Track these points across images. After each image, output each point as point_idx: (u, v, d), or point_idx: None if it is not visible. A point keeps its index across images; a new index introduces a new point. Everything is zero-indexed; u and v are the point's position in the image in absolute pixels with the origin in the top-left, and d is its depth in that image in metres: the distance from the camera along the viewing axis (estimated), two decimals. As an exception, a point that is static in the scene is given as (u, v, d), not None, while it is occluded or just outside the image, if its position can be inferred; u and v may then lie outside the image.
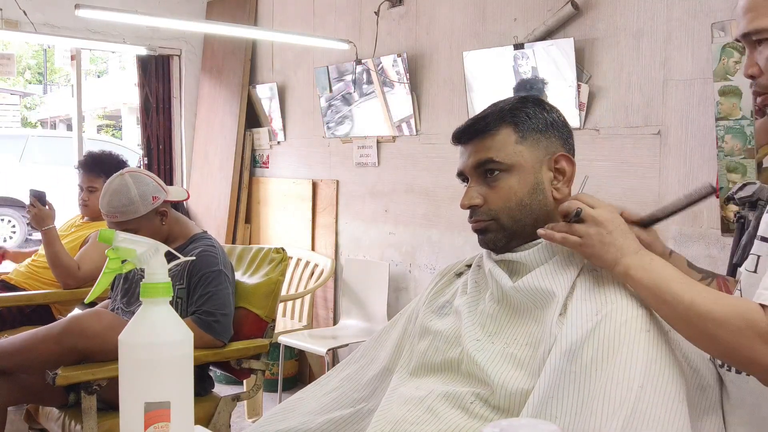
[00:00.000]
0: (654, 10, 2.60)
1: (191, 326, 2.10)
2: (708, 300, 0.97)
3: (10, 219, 9.63)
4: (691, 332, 0.99)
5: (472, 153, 1.19)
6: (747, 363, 0.95)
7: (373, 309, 3.68)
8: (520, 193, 1.15)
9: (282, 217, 4.43)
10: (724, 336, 0.94)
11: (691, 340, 1.01)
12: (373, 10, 3.67)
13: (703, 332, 0.96)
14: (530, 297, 1.11)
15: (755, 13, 1.02)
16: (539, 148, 1.16)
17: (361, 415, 1.28)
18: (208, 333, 2.16)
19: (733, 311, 0.94)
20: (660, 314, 1.03)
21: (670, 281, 1.01)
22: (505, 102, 1.20)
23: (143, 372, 0.91)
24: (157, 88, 4.68)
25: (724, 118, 2.36)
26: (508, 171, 1.15)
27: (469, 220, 1.20)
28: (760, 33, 1.03)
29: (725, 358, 1.01)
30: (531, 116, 1.17)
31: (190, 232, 2.38)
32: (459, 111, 3.34)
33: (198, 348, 2.00)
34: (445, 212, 3.44)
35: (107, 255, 1.00)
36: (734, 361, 0.98)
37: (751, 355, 0.92)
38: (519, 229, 1.15)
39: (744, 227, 1.97)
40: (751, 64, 1.06)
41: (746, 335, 0.92)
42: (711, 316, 0.95)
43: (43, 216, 2.78)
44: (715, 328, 0.95)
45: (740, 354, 0.94)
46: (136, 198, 2.19)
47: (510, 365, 1.07)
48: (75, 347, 1.99)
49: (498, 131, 1.16)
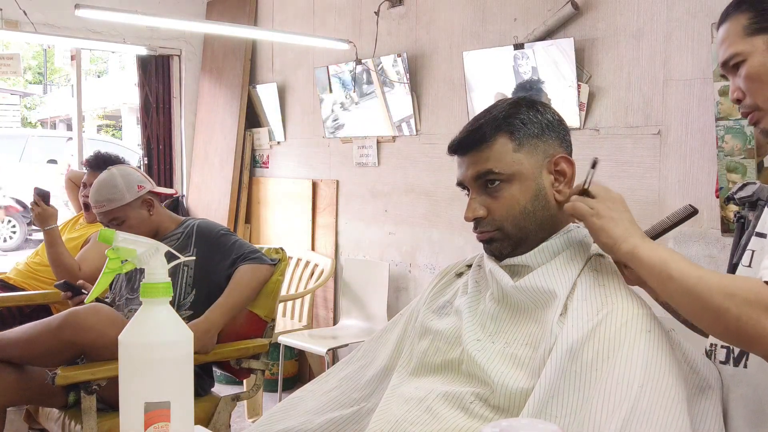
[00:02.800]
0: (654, 10, 2.60)
1: (249, 269, 2.26)
2: (716, 275, 0.99)
3: (10, 219, 9.62)
4: (697, 306, 0.99)
5: (470, 165, 1.17)
6: (752, 338, 0.95)
7: (373, 309, 3.68)
8: (522, 200, 1.14)
9: (282, 217, 4.43)
10: (733, 309, 0.94)
11: (696, 316, 1.01)
12: (373, 10, 3.67)
13: (710, 305, 0.97)
14: (531, 297, 1.11)
15: (728, 42, 1.14)
16: (537, 153, 1.15)
17: (361, 415, 1.28)
18: (263, 264, 2.31)
19: (741, 285, 0.96)
20: (666, 292, 1.03)
21: (678, 259, 1.03)
22: (498, 109, 1.18)
23: (143, 372, 0.91)
24: (157, 88, 4.68)
25: (724, 118, 2.36)
26: (508, 181, 1.14)
27: (474, 231, 1.19)
28: (734, 57, 1.13)
29: (729, 333, 0.99)
30: (526, 122, 1.15)
31: (180, 219, 2.46)
32: (459, 111, 3.34)
33: (262, 282, 2.31)
34: (445, 212, 3.44)
35: (107, 255, 1.00)
36: (739, 336, 0.97)
37: (757, 329, 0.93)
38: (524, 235, 1.15)
39: (744, 227, 1.97)
40: (734, 89, 1.16)
41: (754, 308, 0.93)
42: (720, 288, 0.96)
43: (47, 215, 2.78)
44: (723, 300, 0.95)
45: (747, 328, 0.94)
46: (121, 186, 2.30)
47: (510, 365, 1.07)
48: (72, 341, 2.00)
49: (494, 141, 1.15)
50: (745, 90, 1.14)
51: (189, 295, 2.28)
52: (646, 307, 1.05)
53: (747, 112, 1.16)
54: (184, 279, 2.28)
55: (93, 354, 2.02)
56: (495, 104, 1.20)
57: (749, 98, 1.14)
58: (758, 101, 1.13)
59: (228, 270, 2.27)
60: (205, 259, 2.28)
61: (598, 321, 1.02)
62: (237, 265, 2.27)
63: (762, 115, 1.14)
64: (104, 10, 3.01)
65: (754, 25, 1.13)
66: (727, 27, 1.15)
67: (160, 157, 4.74)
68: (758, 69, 1.12)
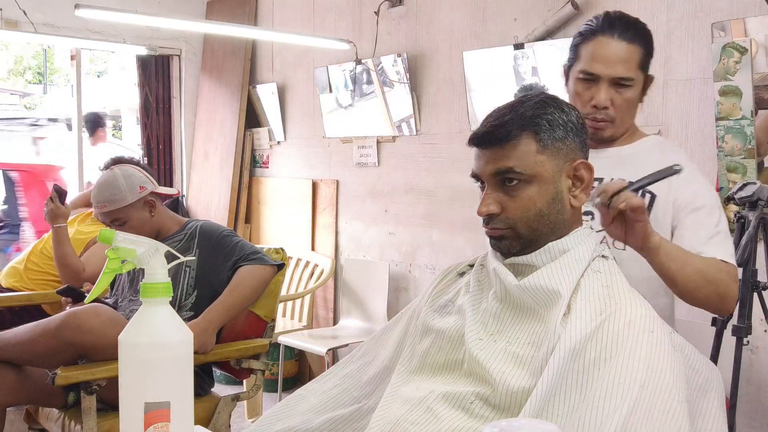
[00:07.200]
0: (654, 10, 2.60)
1: (250, 270, 2.25)
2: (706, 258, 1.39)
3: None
4: (703, 280, 1.34)
5: (490, 160, 1.14)
6: (726, 297, 1.38)
7: (373, 309, 3.67)
8: (539, 203, 1.12)
9: (282, 217, 4.43)
10: (723, 277, 1.37)
11: (698, 289, 1.35)
12: (373, 10, 3.67)
13: (709, 277, 1.35)
14: (535, 296, 1.10)
15: (628, 65, 1.48)
16: (559, 157, 1.13)
17: (361, 414, 1.28)
18: (265, 264, 2.28)
19: (721, 264, 1.39)
20: (683, 274, 1.32)
21: (686, 250, 1.37)
22: (524, 106, 1.14)
23: (143, 372, 0.91)
24: (157, 88, 4.68)
25: (724, 118, 2.36)
26: (528, 181, 1.12)
27: (484, 226, 1.17)
28: (628, 80, 1.48)
29: (717, 297, 1.37)
30: (552, 123, 1.13)
31: (183, 221, 2.45)
32: (459, 111, 3.34)
33: (262, 283, 2.27)
34: (445, 212, 3.44)
35: (107, 255, 1.00)
36: (719, 297, 1.37)
37: (728, 290, 1.38)
38: (536, 237, 1.14)
39: (744, 227, 1.98)
40: (607, 98, 1.47)
41: (730, 276, 1.39)
42: (715, 265, 1.38)
43: (58, 213, 2.78)
44: (717, 273, 1.37)
45: (727, 290, 1.38)
46: (123, 187, 2.28)
47: (512, 364, 1.06)
48: (72, 342, 1.99)
49: (519, 140, 1.12)
50: (617, 106, 1.48)
51: (190, 296, 2.28)
52: (648, 307, 1.05)
53: (603, 119, 1.48)
54: (186, 280, 2.28)
55: (93, 355, 2.02)
56: (521, 100, 1.17)
57: (613, 112, 1.48)
58: (618, 118, 1.49)
59: (229, 271, 2.27)
60: (208, 260, 2.28)
61: (601, 321, 1.02)
62: (238, 266, 2.27)
63: (612, 128, 1.50)
64: (104, 10, 3.00)
65: (643, 61, 1.48)
66: (630, 50, 1.46)
67: (160, 157, 4.73)
68: (635, 98, 1.50)
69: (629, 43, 1.46)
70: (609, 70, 1.45)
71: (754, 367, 2.43)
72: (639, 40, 1.48)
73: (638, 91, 1.50)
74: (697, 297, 1.37)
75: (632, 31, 1.48)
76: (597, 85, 1.47)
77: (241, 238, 2.38)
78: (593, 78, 1.47)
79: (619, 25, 1.47)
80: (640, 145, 1.56)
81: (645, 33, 1.51)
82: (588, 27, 1.52)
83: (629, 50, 1.46)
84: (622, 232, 1.28)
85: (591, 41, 1.49)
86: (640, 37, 1.48)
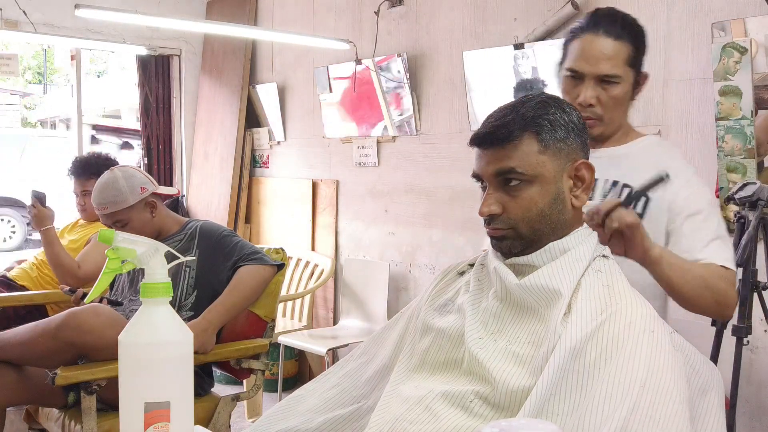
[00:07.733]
0: (654, 10, 2.60)
1: (250, 270, 2.25)
2: (705, 265, 1.41)
3: (10, 219, 9.63)
4: (704, 288, 1.35)
5: (492, 160, 1.14)
6: (725, 304, 1.38)
7: (373, 309, 3.68)
8: (541, 203, 1.12)
9: (282, 217, 4.43)
10: (722, 285, 1.37)
11: (699, 298, 1.35)
12: (373, 10, 3.67)
13: (709, 284, 1.35)
14: (535, 295, 1.10)
15: (614, 62, 1.45)
16: (561, 157, 1.14)
17: (361, 413, 1.28)
18: (265, 264, 2.28)
19: (720, 270, 1.39)
20: (685, 283, 1.33)
21: (684, 260, 1.37)
22: (526, 107, 1.14)
23: (143, 372, 0.91)
24: (157, 88, 4.68)
25: (724, 118, 2.36)
26: (529, 182, 1.12)
27: (486, 226, 1.17)
28: (615, 77, 1.45)
29: (716, 305, 1.38)
30: (553, 123, 1.13)
31: (183, 221, 2.45)
32: (459, 111, 3.34)
33: (262, 283, 2.27)
34: (445, 212, 3.44)
35: (107, 255, 1.00)
36: (718, 304, 1.38)
37: (727, 298, 1.38)
38: (537, 238, 1.14)
39: (744, 227, 1.98)
40: (593, 96, 1.46)
41: (729, 283, 1.39)
42: (715, 271, 1.38)
43: (43, 217, 2.79)
44: (717, 280, 1.37)
45: (726, 297, 1.38)
46: (124, 188, 2.28)
47: (512, 363, 1.06)
48: (72, 342, 1.99)
49: (520, 141, 1.12)
50: (603, 104, 1.46)
51: (190, 296, 2.28)
52: (649, 307, 1.05)
53: (590, 117, 1.45)
54: (186, 280, 2.28)
55: (93, 355, 2.02)
56: (522, 100, 1.17)
57: (600, 109, 1.46)
58: (606, 116, 1.47)
59: (229, 271, 2.27)
60: (208, 260, 2.28)
61: (601, 321, 1.02)
62: (238, 266, 2.27)
63: (601, 126, 1.48)
64: (104, 10, 3.00)
65: (632, 58, 1.46)
66: (616, 47, 1.44)
67: (160, 157, 4.73)
68: (623, 96, 1.47)
69: (615, 40, 1.44)
70: (593, 67, 1.44)
71: (754, 367, 2.43)
72: (627, 36, 1.45)
73: (627, 88, 1.47)
74: (697, 305, 1.37)
75: (619, 27, 1.46)
76: (583, 83, 1.45)
77: (241, 238, 2.38)
78: (579, 76, 1.46)
79: (605, 21, 1.46)
80: (635, 145, 1.54)
81: (634, 29, 1.48)
82: (576, 25, 1.51)
83: (615, 47, 1.44)
84: (621, 248, 1.28)
85: (578, 39, 1.48)
86: (628, 34, 1.46)
